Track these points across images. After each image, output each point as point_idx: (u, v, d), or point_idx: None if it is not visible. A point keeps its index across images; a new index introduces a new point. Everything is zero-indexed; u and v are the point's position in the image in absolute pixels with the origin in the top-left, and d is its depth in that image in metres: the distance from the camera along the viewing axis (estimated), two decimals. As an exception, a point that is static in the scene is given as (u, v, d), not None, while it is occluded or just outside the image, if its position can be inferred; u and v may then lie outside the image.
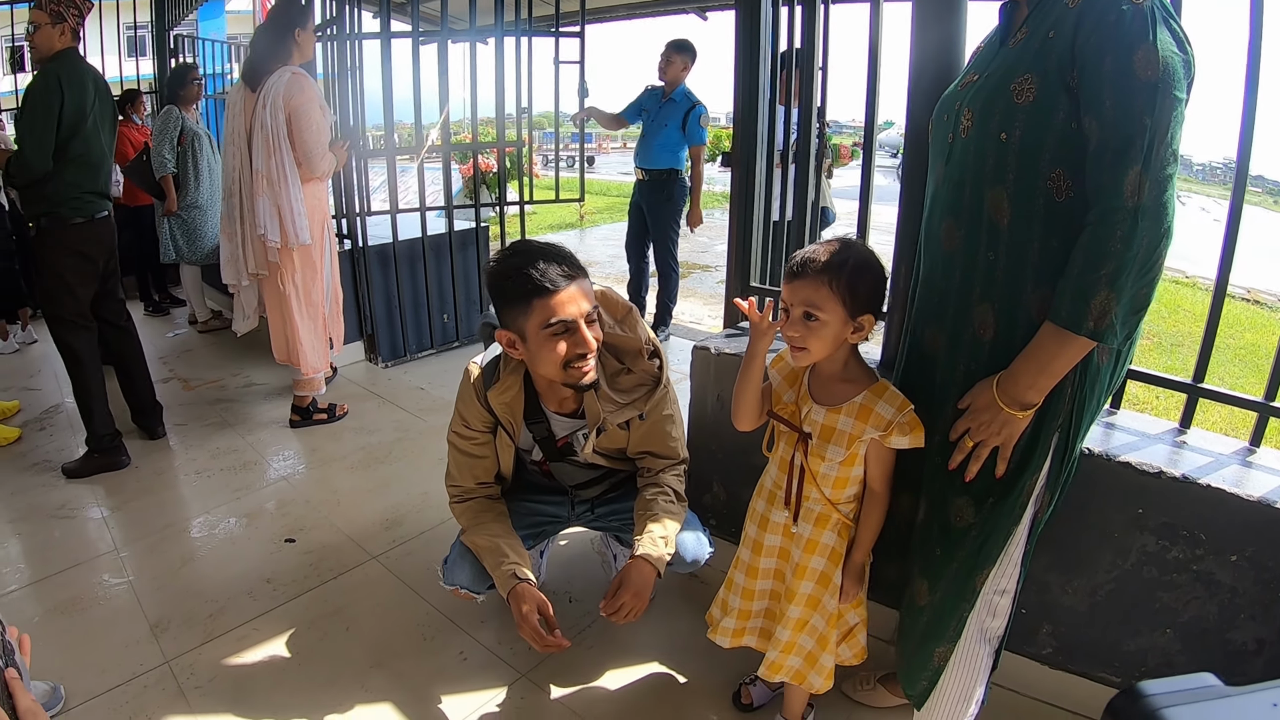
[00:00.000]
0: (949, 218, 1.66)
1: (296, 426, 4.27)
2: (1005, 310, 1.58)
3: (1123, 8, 1.34)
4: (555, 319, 1.92)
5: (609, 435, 2.23)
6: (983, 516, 1.67)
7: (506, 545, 2.23)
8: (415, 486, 3.60)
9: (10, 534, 3.32)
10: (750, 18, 2.65)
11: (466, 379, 2.26)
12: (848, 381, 1.82)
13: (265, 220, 3.77)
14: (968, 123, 1.59)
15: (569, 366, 1.99)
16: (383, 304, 5.19)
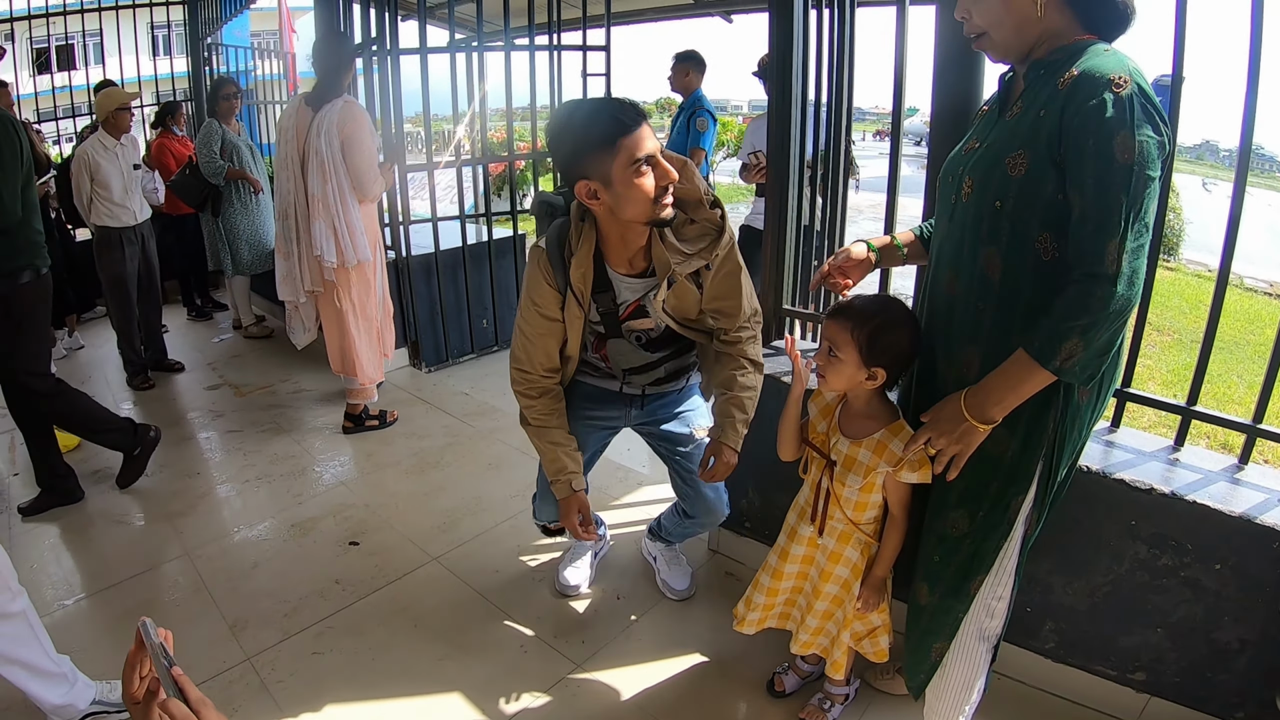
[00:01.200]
0: (950, 269, 1.92)
1: (350, 433, 4.56)
2: (989, 353, 1.81)
3: (1105, 96, 1.54)
4: (640, 154, 2.03)
5: (680, 294, 2.33)
6: (975, 527, 1.92)
7: (565, 455, 2.52)
8: (468, 490, 3.88)
9: (81, 541, 3.60)
10: (783, 22, 2.87)
11: (533, 262, 2.39)
12: (870, 418, 2.09)
13: (321, 242, 4.06)
14: (968, 189, 1.82)
15: (658, 200, 2.11)
16: (425, 311, 5.50)
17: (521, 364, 2.51)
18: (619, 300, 2.38)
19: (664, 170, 2.08)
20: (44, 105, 9.21)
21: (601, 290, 2.36)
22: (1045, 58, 1.72)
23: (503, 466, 4.13)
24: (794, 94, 2.93)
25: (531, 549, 3.38)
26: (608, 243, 2.30)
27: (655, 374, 2.60)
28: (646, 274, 2.34)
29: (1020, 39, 1.74)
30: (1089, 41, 1.68)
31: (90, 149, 5.19)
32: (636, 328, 2.44)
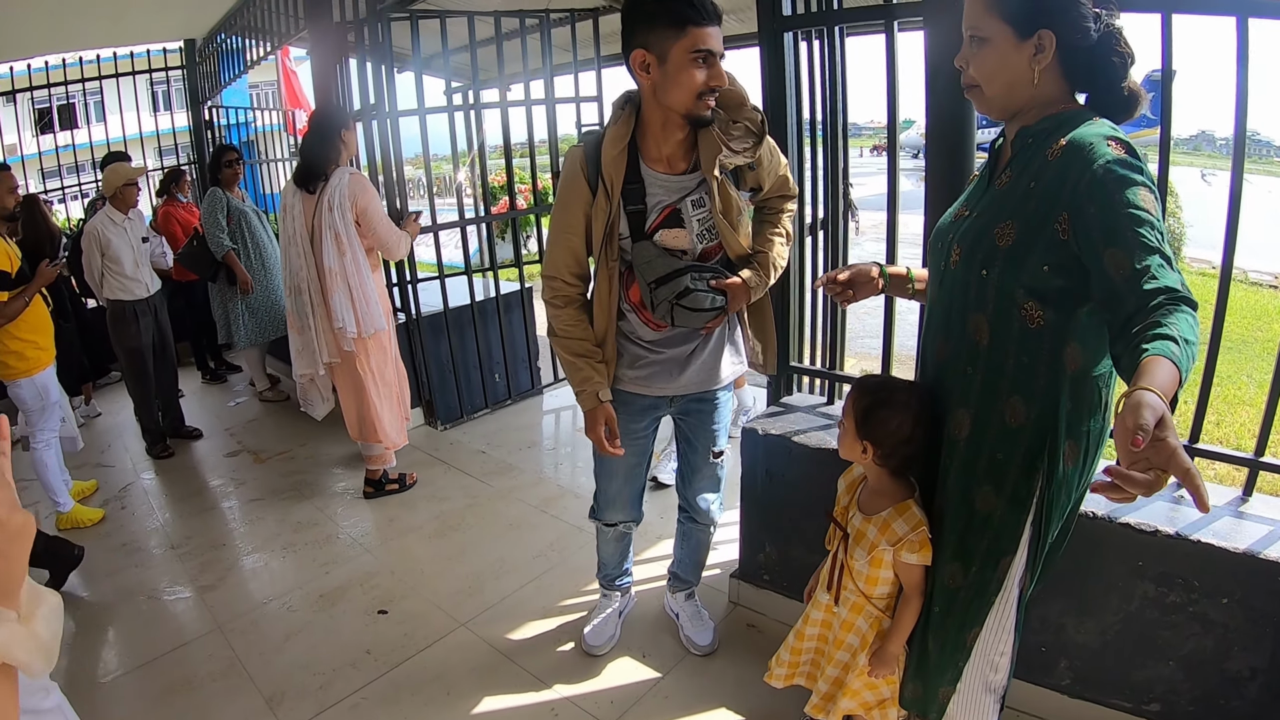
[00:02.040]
0: (940, 334, 2.02)
1: (370, 498, 4.67)
2: (978, 416, 1.91)
3: (1110, 155, 1.56)
4: (703, 46, 2.13)
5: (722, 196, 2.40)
6: (968, 581, 2.00)
7: (590, 365, 2.57)
8: (491, 552, 3.98)
9: (112, 617, 3.69)
10: (774, 57, 3.00)
11: (570, 159, 2.47)
12: (882, 495, 2.18)
13: (343, 314, 4.20)
14: (956, 257, 1.91)
15: (701, 96, 2.20)
16: (438, 370, 5.64)
17: (548, 270, 2.57)
18: (651, 201, 2.42)
19: (717, 72, 2.18)
20: (47, 164, 9.42)
21: (633, 184, 2.40)
22: (1032, 125, 1.79)
23: (523, 527, 4.22)
24: (790, 138, 3.06)
25: (557, 610, 3.47)
26: (646, 131, 2.38)
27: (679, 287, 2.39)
28: (689, 172, 2.43)
29: (1009, 99, 1.81)
30: (1077, 111, 1.75)
31: (100, 224, 5.33)
32: (668, 242, 2.45)
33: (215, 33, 8.38)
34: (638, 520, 2.97)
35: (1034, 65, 1.73)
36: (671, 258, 2.40)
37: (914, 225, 2.73)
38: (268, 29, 6.88)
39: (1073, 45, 1.72)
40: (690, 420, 2.81)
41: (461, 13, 5.59)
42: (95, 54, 8.52)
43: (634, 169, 2.39)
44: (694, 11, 2.11)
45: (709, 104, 2.23)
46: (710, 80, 2.19)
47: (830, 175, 3.05)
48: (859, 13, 3.03)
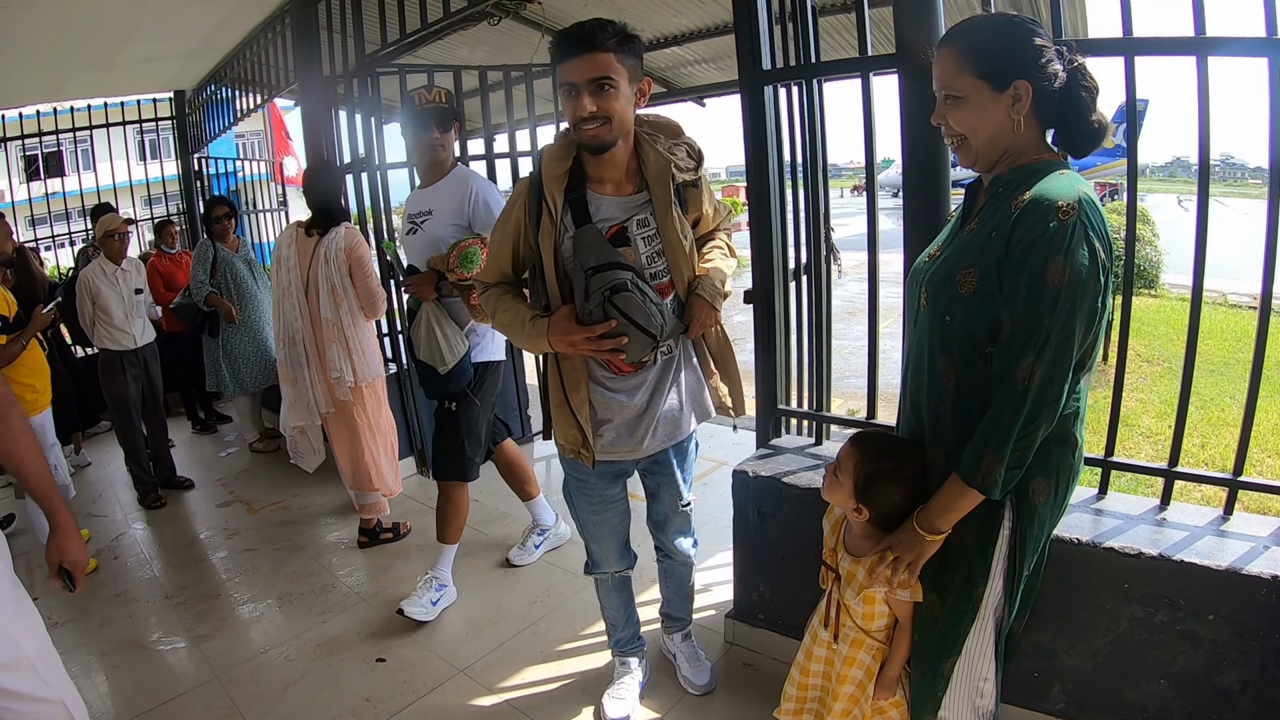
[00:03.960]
0: (914, 373, 2.13)
1: (365, 547, 4.71)
2: (951, 451, 1.98)
3: (1049, 224, 1.71)
4: (564, 80, 2.25)
5: (664, 214, 2.43)
6: (945, 611, 2.08)
7: (524, 305, 2.55)
8: (488, 600, 4.02)
9: (107, 667, 3.71)
10: (755, 109, 3.13)
11: (518, 186, 2.56)
12: (867, 538, 2.24)
13: (340, 364, 4.31)
14: (924, 300, 2.02)
15: (577, 126, 2.28)
16: (430, 419, 5.59)
17: (482, 278, 2.68)
18: (596, 216, 2.43)
19: (579, 105, 2.24)
20: (35, 212, 9.44)
21: (576, 194, 2.43)
22: (1005, 174, 1.90)
23: (518, 574, 4.28)
24: (772, 184, 3.19)
25: (555, 654, 3.52)
26: (585, 157, 2.43)
27: (621, 299, 2.34)
28: (634, 195, 2.48)
29: (993, 148, 1.91)
30: (1048, 163, 1.87)
31: (91, 274, 5.45)
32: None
33: (205, 84, 8.54)
34: (632, 564, 3.03)
35: (1013, 115, 1.86)
36: (616, 252, 2.40)
37: (895, 264, 2.84)
38: (258, 81, 7.00)
39: (1046, 89, 1.84)
40: (655, 477, 2.86)
41: (448, 67, 5.78)
42: (86, 103, 8.67)
43: (578, 185, 2.44)
44: (558, 49, 2.25)
45: (590, 133, 2.28)
46: (575, 111, 2.26)
47: (812, 219, 3.19)
48: (836, 65, 3.16)
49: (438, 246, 3.57)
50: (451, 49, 6.57)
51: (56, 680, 2.17)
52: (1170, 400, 7.29)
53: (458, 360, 3.59)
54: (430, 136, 3.66)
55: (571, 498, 2.86)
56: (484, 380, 3.81)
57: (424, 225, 3.69)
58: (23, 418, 2.16)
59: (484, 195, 3.64)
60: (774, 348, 3.28)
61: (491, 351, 3.83)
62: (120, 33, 6.44)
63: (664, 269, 2.48)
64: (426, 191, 3.76)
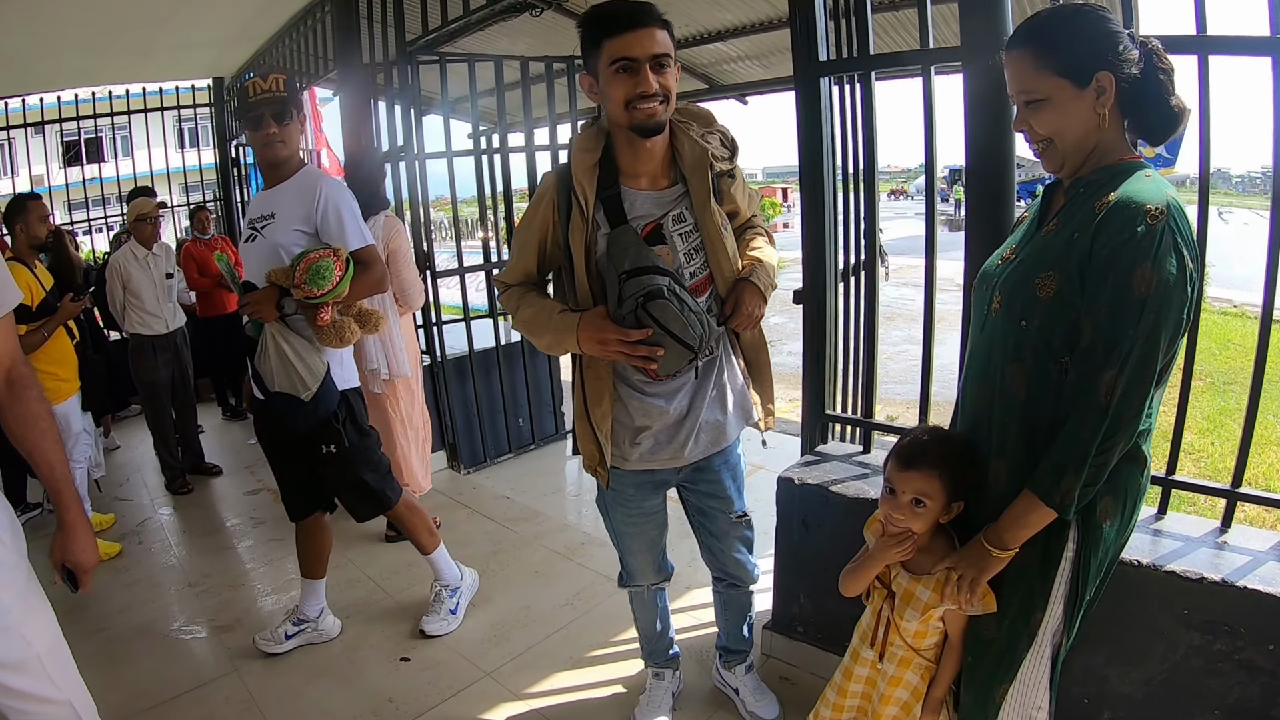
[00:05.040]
0: (978, 382, 2.01)
1: (392, 541, 4.63)
2: (1015, 467, 1.89)
3: (1137, 228, 1.61)
4: (621, 55, 2.07)
5: (702, 207, 2.28)
6: (1001, 634, 1.97)
7: (553, 300, 2.40)
8: (516, 600, 3.93)
9: (126, 654, 3.66)
10: (811, 102, 3.02)
11: (544, 180, 2.41)
12: (929, 552, 2.12)
13: (376, 356, 4.25)
14: (997, 304, 1.91)
15: (630, 105, 2.11)
16: (461, 413, 5.67)
17: (503, 278, 2.53)
18: (631, 214, 2.28)
19: (643, 78, 2.09)
20: (73, 196, 9.48)
21: (609, 191, 2.28)
22: (1088, 175, 1.80)
23: (549, 575, 4.19)
24: (827, 182, 3.06)
25: (586, 660, 3.43)
26: (618, 151, 2.29)
27: (656, 307, 2.17)
28: (669, 188, 2.33)
29: (1082, 149, 1.80)
30: (1132, 163, 1.76)
31: (123, 258, 5.46)
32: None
33: (244, 71, 8.56)
34: (669, 577, 2.90)
35: (1098, 110, 1.74)
36: (653, 255, 2.23)
37: (940, 269, 2.71)
38: (297, 69, 6.97)
39: (1126, 78, 1.73)
40: (702, 489, 2.64)
41: (489, 57, 5.74)
42: (125, 89, 8.70)
43: (610, 180, 2.29)
44: (605, 24, 2.10)
45: (648, 111, 2.13)
46: (636, 87, 2.11)
47: (870, 219, 3.08)
48: (896, 58, 3.04)
49: (279, 256, 3.13)
50: (492, 40, 6.47)
51: (65, 680, 2.10)
52: (1214, 416, 7.17)
53: (321, 380, 3.18)
54: (266, 132, 3.18)
55: (606, 508, 2.70)
56: (349, 409, 3.36)
57: (264, 231, 3.22)
58: (42, 400, 2.08)
59: (334, 200, 3.19)
60: (824, 351, 3.17)
61: (344, 379, 3.38)
62: (156, 17, 6.45)
63: (702, 265, 2.34)
64: (269, 193, 3.30)
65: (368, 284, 3.20)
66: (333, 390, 3.22)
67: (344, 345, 3.17)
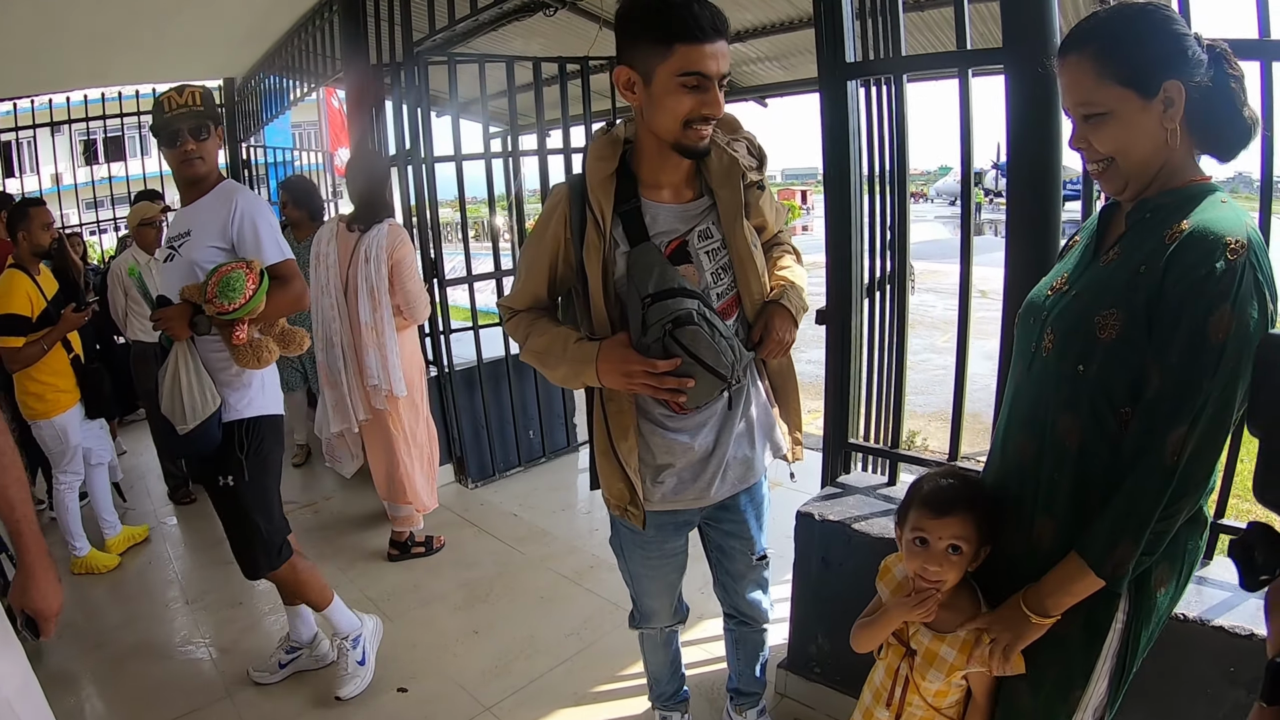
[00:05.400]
0: (1024, 430, 1.79)
1: (395, 560, 4.48)
2: (1063, 526, 1.68)
3: (1215, 264, 1.40)
4: (694, 69, 1.83)
5: (731, 221, 2.08)
6: (1036, 705, 1.77)
7: (568, 327, 2.16)
8: (520, 629, 3.75)
9: (119, 674, 3.56)
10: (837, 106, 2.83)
11: (554, 193, 2.16)
12: (952, 608, 1.92)
13: (377, 370, 4.08)
14: (1049, 343, 1.68)
15: (690, 125, 1.91)
16: (470, 425, 5.49)
17: (508, 303, 2.28)
18: (652, 230, 2.06)
19: (713, 98, 1.88)
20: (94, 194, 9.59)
21: (628, 204, 2.05)
22: (1154, 198, 1.58)
23: (555, 600, 4.01)
24: (854, 191, 2.88)
25: (590, 697, 3.25)
26: (641, 157, 2.07)
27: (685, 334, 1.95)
28: (694, 201, 2.12)
29: (1148, 169, 1.58)
30: (1203, 186, 1.55)
31: (124, 264, 5.32)
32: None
33: (254, 72, 8.51)
34: (685, 618, 2.69)
35: (1165, 125, 1.52)
36: (679, 276, 2.01)
37: (951, 274, 2.53)
38: (305, 69, 6.90)
39: (1195, 86, 1.52)
40: (724, 527, 2.44)
41: (500, 57, 5.57)
42: (135, 89, 8.68)
43: (629, 192, 2.06)
44: (685, 27, 1.82)
45: (702, 133, 1.93)
46: (703, 107, 1.89)
47: (901, 231, 2.90)
48: (930, 59, 2.85)
49: (195, 274, 2.96)
50: (505, 40, 6.37)
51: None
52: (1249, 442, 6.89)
53: (200, 421, 2.92)
54: (183, 149, 2.97)
55: (623, 549, 2.48)
56: (259, 440, 3.11)
57: (181, 249, 3.03)
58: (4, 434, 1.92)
59: (250, 215, 3.00)
60: (849, 374, 2.96)
61: (263, 404, 3.15)
62: (163, 14, 6.32)
63: (729, 285, 2.13)
64: (186, 210, 3.11)
65: (285, 300, 3.00)
66: (213, 433, 2.96)
67: (262, 366, 2.99)
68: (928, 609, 1.89)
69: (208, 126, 3.00)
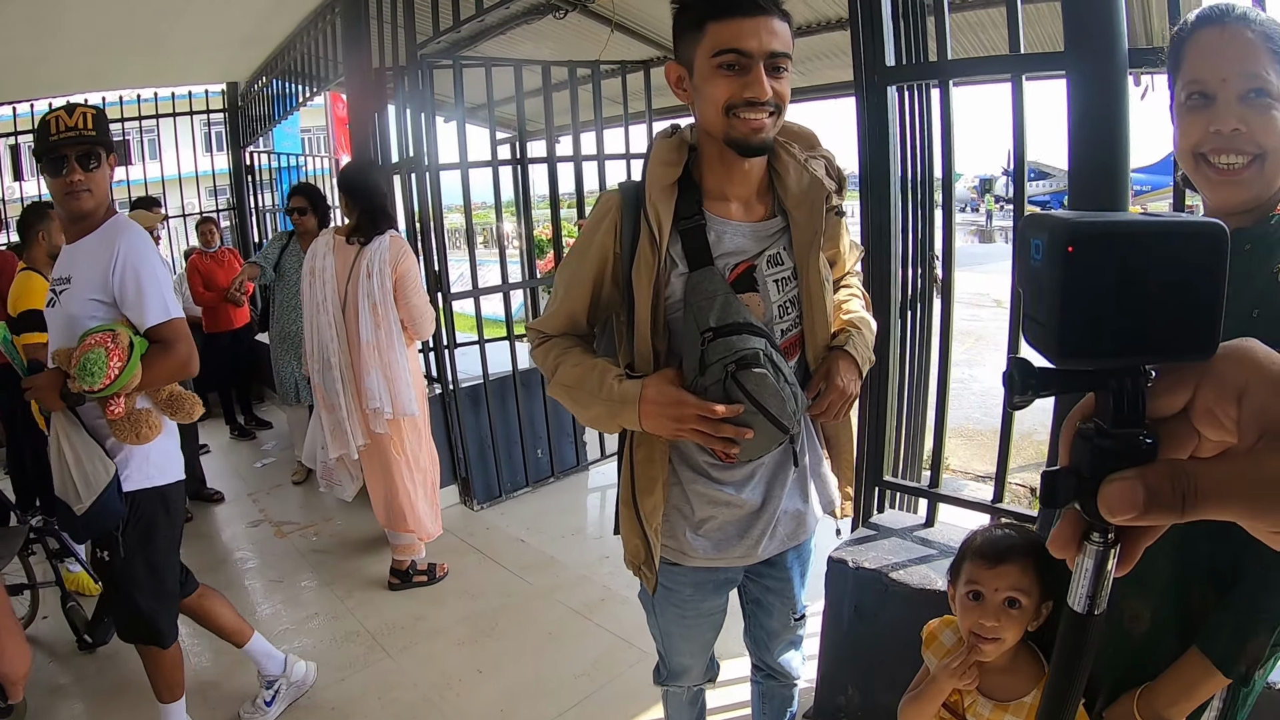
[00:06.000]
0: None
1: (396, 589, 4.26)
2: (1164, 609, 1.46)
3: None
4: (728, 46, 1.59)
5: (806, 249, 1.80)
6: None
7: (606, 359, 1.85)
8: (527, 668, 3.54)
9: (107, 712, 3.37)
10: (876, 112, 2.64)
11: (603, 202, 1.88)
12: (1014, 672, 1.72)
13: (379, 392, 3.86)
14: None
15: (732, 111, 1.63)
16: (475, 444, 5.27)
17: (539, 325, 1.97)
18: (717, 250, 1.77)
19: (754, 78, 1.60)
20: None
21: (690, 219, 1.77)
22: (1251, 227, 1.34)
23: (564, 636, 3.77)
24: (893, 205, 2.68)
25: (602, 747, 3.03)
26: (705, 165, 1.80)
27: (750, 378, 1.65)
28: (767, 219, 1.84)
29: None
30: None
31: None
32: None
33: (257, 76, 8.40)
34: (715, 676, 2.40)
35: None
36: (745, 309, 1.72)
37: (969, 283, 2.30)
38: (307, 73, 6.76)
39: None
40: (765, 583, 2.18)
41: (508, 61, 5.40)
42: (138, 93, 8.55)
43: (692, 206, 1.79)
44: (712, 3, 1.61)
45: (754, 123, 1.64)
46: (745, 89, 1.61)
47: (946, 245, 2.73)
48: (979, 64, 2.64)
49: (73, 330, 2.56)
50: (513, 44, 6.22)
51: None
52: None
53: (96, 495, 2.52)
54: (68, 180, 2.58)
55: (654, 606, 2.16)
56: (139, 515, 2.69)
57: (62, 297, 2.64)
58: None
59: (134, 264, 2.58)
60: (885, 406, 2.74)
61: (147, 474, 2.70)
62: (164, 17, 6.17)
63: (794, 322, 1.85)
64: (70, 250, 2.71)
65: (168, 368, 2.60)
66: (113, 506, 2.57)
67: (142, 442, 2.60)
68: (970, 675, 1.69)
69: (99, 154, 2.63)
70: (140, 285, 2.57)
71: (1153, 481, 0.52)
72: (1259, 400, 0.52)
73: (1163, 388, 0.55)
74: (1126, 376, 0.54)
